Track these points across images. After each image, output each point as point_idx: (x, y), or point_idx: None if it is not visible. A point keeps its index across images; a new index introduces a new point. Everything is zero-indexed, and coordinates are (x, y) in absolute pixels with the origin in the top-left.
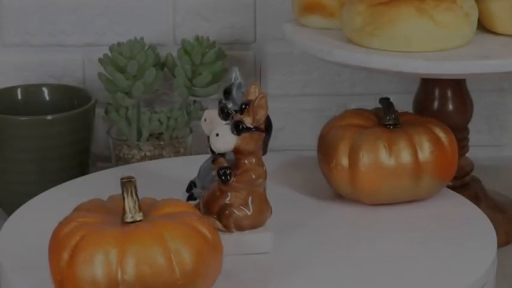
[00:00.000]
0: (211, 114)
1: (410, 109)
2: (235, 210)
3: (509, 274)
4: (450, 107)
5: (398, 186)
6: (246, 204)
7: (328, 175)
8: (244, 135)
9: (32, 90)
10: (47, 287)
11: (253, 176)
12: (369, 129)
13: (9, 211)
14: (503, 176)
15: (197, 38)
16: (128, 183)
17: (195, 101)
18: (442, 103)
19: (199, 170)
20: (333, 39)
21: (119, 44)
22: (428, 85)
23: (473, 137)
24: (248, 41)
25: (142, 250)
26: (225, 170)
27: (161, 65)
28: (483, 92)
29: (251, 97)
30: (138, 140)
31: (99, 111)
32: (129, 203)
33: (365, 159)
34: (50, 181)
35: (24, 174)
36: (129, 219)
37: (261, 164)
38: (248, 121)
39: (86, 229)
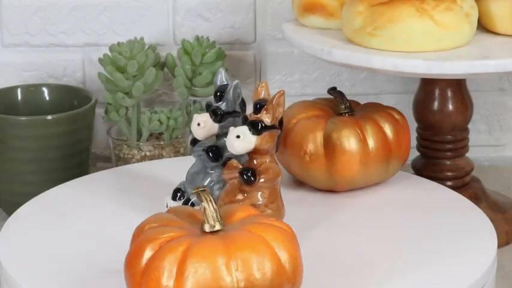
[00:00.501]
0: (204, 118)
1: (410, 109)
2: (267, 210)
3: (509, 274)
4: (450, 107)
5: (373, 170)
6: (270, 203)
7: (301, 168)
8: (264, 134)
9: (32, 90)
10: (47, 287)
11: (274, 174)
12: (334, 117)
13: (9, 211)
14: (503, 176)
15: (197, 38)
16: (204, 193)
17: (195, 101)
18: (442, 103)
19: (189, 176)
20: (333, 39)
21: (119, 44)
22: (428, 85)
23: (473, 137)
24: (248, 41)
25: (253, 256)
26: (249, 170)
27: (161, 65)
28: (483, 92)
29: (260, 96)
30: (138, 140)
31: (99, 111)
32: (211, 213)
33: (343, 146)
34: (50, 181)
35: (24, 174)
36: (211, 229)
37: (275, 162)
38: (267, 120)
39: (185, 243)
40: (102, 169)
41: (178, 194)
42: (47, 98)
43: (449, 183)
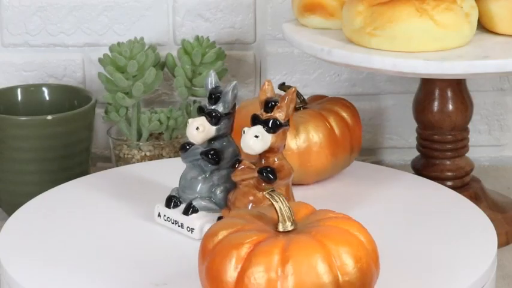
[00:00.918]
0: (201, 122)
1: (410, 109)
2: None
3: (509, 274)
4: (450, 107)
5: (341, 159)
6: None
7: None
8: (279, 132)
9: (32, 90)
10: (47, 287)
11: (289, 171)
12: (296, 112)
13: (9, 211)
14: (503, 176)
15: (197, 38)
16: (276, 194)
17: (195, 101)
18: (442, 103)
19: (187, 182)
20: (333, 39)
21: (119, 44)
22: (428, 85)
23: (473, 137)
24: (248, 41)
25: (349, 249)
26: (269, 169)
27: (161, 65)
28: (483, 92)
29: (268, 94)
30: (138, 140)
31: (99, 111)
32: (286, 213)
33: (316, 139)
34: (50, 181)
35: (24, 174)
36: (285, 229)
37: (285, 159)
38: (281, 117)
39: (278, 245)
40: (102, 169)
41: (172, 202)
42: (47, 98)
43: (449, 183)
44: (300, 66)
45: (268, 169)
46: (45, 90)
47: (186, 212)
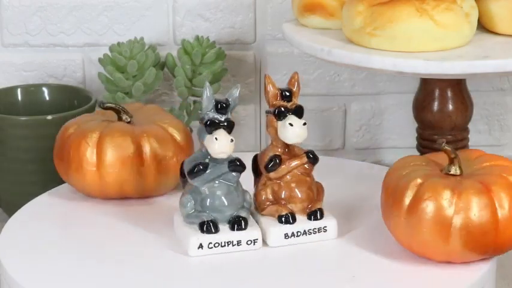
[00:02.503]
0: (225, 133)
1: (410, 109)
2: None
3: (509, 274)
4: (450, 107)
5: (142, 177)
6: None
7: (77, 179)
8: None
9: (32, 90)
10: (47, 287)
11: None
12: (110, 126)
13: (10, 211)
14: None
15: (197, 38)
16: (449, 147)
17: (195, 101)
18: (442, 103)
19: (223, 201)
20: (333, 39)
21: (119, 44)
22: (428, 85)
23: (473, 137)
24: (248, 41)
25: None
26: (311, 151)
27: (161, 65)
28: (483, 92)
29: (277, 86)
30: None
31: None
32: (457, 159)
33: (110, 156)
34: (50, 181)
35: (24, 174)
36: (456, 172)
37: None
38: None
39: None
40: None
41: (212, 226)
42: (47, 98)
43: None
44: (300, 66)
45: (312, 151)
46: (45, 90)
47: (240, 227)
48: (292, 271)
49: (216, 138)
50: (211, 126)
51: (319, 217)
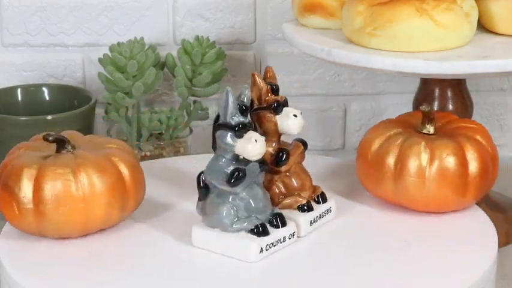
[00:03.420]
0: (254, 135)
1: (410, 109)
2: None
3: (509, 274)
4: (450, 107)
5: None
6: None
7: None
8: None
9: (32, 90)
10: (47, 287)
11: None
12: (49, 161)
13: None
14: (503, 176)
15: (197, 38)
16: (428, 108)
17: (195, 101)
18: (442, 103)
19: (263, 201)
20: (333, 39)
21: (119, 44)
22: (428, 85)
23: None
24: (248, 41)
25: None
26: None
27: (161, 65)
28: (483, 92)
29: (264, 82)
30: (138, 140)
31: (99, 111)
32: (429, 118)
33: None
34: None
35: None
36: (427, 131)
37: None
38: None
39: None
40: None
41: (266, 227)
42: (47, 98)
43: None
44: (300, 66)
45: (300, 138)
46: (45, 90)
47: (284, 224)
48: (342, 249)
49: (255, 140)
50: (243, 129)
51: (327, 199)
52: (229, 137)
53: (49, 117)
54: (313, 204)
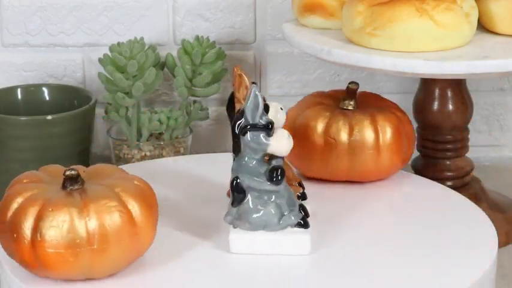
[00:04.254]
0: (284, 131)
1: (410, 109)
2: None
3: (509, 274)
4: (450, 107)
5: None
6: None
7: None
8: None
9: (32, 90)
10: (47, 287)
11: None
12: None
13: None
14: (503, 176)
15: (197, 38)
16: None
17: (195, 101)
18: (442, 103)
19: (290, 200)
20: (333, 39)
21: (119, 44)
22: (428, 85)
23: (473, 137)
24: (248, 41)
25: None
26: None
27: (161, 65)
28: (483, 92)
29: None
30: (138, 140)
31: (99, 111)
32: (355, 97)
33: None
34: None
35: None
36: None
37: None
38: None
39: None
40: None
41: (306, 221)
42: (47, 98)
43: (449, 183)
44: (300, 66)
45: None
46: (45, 90)
47: (308, 214)
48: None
49: (288, 135)
50: (272, 127)
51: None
52: (262, 137)
53: (49, 117)
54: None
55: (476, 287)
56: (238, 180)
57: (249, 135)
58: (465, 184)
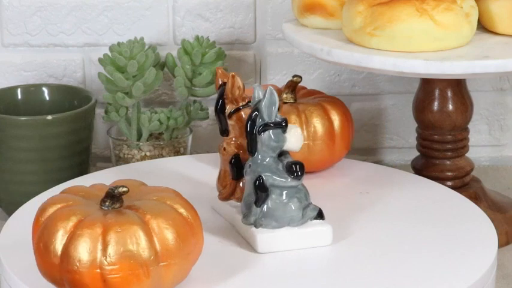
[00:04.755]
0: (294, 126)
1: (410, 109)
2: None
3: (509, 274)
4: (450, 107)
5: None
6: None
7: None
8: None
9: (32, 90)
10: (47, 287)
11: None
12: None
13: (9, 211)
14: (503, 176)
15: (197, 38)
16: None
17: (195, 101)
18: (442, 103)
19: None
20: (333, 39)
21: (119, 44)
22: (428, 85)
23: (473, 137)
24: (248, 41)
25: None
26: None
27: (161, 65)
28: (483, 92)
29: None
30: (138, 140)
31: (99, 111)
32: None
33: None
34: (50, 181)
35: (24, 174)
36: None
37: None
38: None
39: None
40: (102, 169)
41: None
42: (47, 98)
43: (449, 183)
44: (300, 66)
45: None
46: (45, 90)
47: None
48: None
49: (301, 131)
50: (286, 125)
51: None
52: (277, 135)
53: (49, 117)
54: None
55: (476, 287)
56: (262, 180)
57: (266, 133)
58: (465, 184)
